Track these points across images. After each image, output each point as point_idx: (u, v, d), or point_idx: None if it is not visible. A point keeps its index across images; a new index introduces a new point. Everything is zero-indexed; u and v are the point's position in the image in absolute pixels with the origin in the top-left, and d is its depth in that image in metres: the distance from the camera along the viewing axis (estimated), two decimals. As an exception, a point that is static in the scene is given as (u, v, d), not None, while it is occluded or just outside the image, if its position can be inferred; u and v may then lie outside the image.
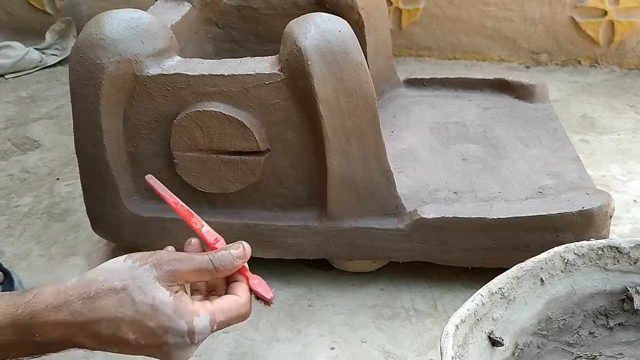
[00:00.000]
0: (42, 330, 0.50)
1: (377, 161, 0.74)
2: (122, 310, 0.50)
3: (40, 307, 0.50)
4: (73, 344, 0.51)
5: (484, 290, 0.58)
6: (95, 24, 0.72)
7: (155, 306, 0.51)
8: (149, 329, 0.51)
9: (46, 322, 0.49)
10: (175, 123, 0.73)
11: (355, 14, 0.93)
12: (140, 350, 0.52)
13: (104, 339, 0.51)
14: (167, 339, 0.51)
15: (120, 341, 0.51)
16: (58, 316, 0.50)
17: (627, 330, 0.64)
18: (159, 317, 0.51)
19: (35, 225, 1.00)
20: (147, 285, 0.51)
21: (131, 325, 0.50)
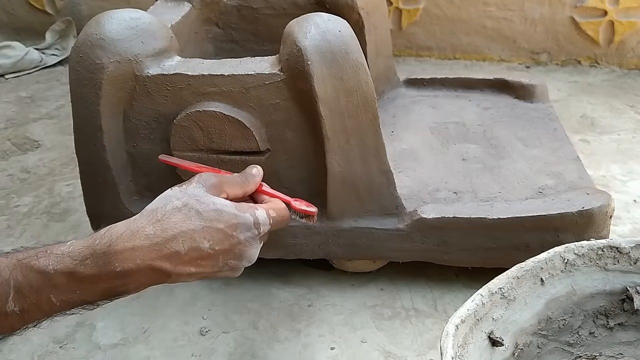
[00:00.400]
0: (121, 258, 0.52)
1: (377, 161, 0.74)
2: (191, 221, 0.54)
3: (115, 237, 0.53)
4: (152, 270, 0.53)
5: (484, 290, 0.58)
6: (95, 24, 0.72)
7: (218, 210, 0.56)
8: (220, 231, 0.55)
9: (124, 249, 0.52)
10: (175, 123, 0.73)
11: (355, 14, 0.93)
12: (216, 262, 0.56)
13: (181, 257, 0.53)
14: (238, 236, 0.56)
15: (197, 254, 0.54)
16: (135, 242, 0.52)
17: (627, 330, 0.64)
18: (225, 218, 0.56)
19: (35, 225, 1.00)
20: (203, 197, 0.56)
21: (203, 232, 0.54)
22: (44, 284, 0.52)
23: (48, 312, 0.53)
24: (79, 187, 0.83)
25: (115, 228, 0.54)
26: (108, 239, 0.53)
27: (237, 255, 0.57)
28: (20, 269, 0.52)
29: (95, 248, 0.53)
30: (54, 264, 0.52)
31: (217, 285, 0.85)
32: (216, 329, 0.78)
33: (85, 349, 0.76)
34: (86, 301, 0.54)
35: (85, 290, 0.53)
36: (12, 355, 0.75)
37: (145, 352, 0.75)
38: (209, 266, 0.56)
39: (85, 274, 0.52)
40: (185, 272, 0.55)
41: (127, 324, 0.79)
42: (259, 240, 0.59)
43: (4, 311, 0.51)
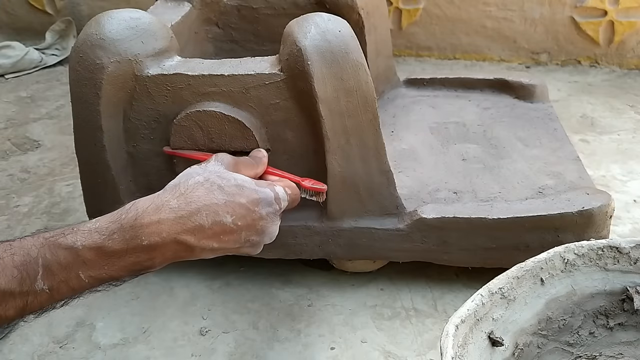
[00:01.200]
0: (147, 232, 0.53)
1: (377, 161, 0.74)
2: (214, 195, 0.55)
3: (141, 211, 0.54)
4: (177, 244, 0.54)
5: (484, 290, 0.58)
6: (95, 24, 0.72)
7: (240, 185, 0.57)
8: (243, 206, 0.56)
9: (150, 222, 0.53)
10: (175, 123, 0.73)
11: (355, 14, 0.93)
12: (239, 237, 0.57)
13: (205, 230, 0.55)
14: (260, 211, 0.57)
15: (220, 229, 0.55)
16: (161, 215, 0.54)
17: (627, 330, 0.64)
18: (247, 193, 0.57)
19: (35, 225, 1.00)
20: (223, 173, 0.58)
21: (226, 206, 0.55)
22: (72, 260, 0.52)
23: (77, 289, 0.54)
24: (79, 187, 0.83)
25: (140, 202, 0.55)
26: (134, 213, 0.54)
27: (258, 231, 0.58)
28: (48, 247, 0.52)
29: (122, 222, 0.53)
30: (82, 240, 0.53)
31: (217, 286, 0.85)
32: (216, 329, 0.78)
33: (85, 349, 0.76)
34: (113, 277, 0.54)
35: (113, 265, 0.53)
36: (12, 355, 0.75)
37: (145, 352, 0.75)
38: (232, 241, 0.57)
39: (113, 248, 0.53)
40: (209, 246, 0.56)
41: (127, 324, 0.79)
42: (278, 218, 0.60)
43: (33, 290, 0.51)
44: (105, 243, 0.53)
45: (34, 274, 0.51)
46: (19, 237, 0.54)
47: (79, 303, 0.81)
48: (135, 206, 0.55)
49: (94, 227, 0.54)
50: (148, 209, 0.54)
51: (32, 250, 0.52)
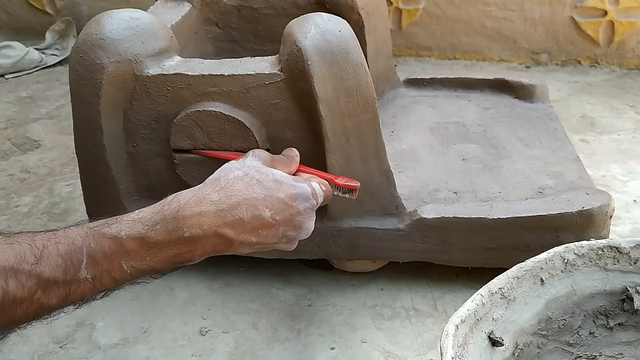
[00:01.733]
0: (189, 223, 0.54)
1: (377, 161, 0.74)
2: (254, 189, 0.56)
3: (183, 203, 0.55)
4: (217, 237, 0.55)
5: (484, 290, 0.58)
6: (95, 24, 0.72)
7: (278, 180, 0.58)
8: (281, 201, 0.57)
9: (192, 214, 0.54)
10: (175, 123, 0.73)
11: (355, 14, 0.93)
12: (276, 232, 0.57)
13: (245, 224, 0.56)
14: (298, 206, 0.58)
15: (259, 223, 0.56)
16: (202, 207, 0.55)
17: (627, 330, 0.64)
18: (285, 188, 0.58)
19: (35, 225, 1.00)
20: (262, 168, 0.59)
21: (265, 201, 0.56)
22: (116, 250, 0.53)
23: (118, 279, 0.54)
24: (79, 187, 0.83)
25: (182, 195, 0.56)
26: (177, 204, 0.55)
27: (295, 226, 0.59)
28: (92, 236, 0.53)
29: (165, 214, 0.54)
30: (126, 230, 0.54)
31: (217, 286, 0.85)
32: (216, 329, 0.78)
33: (85, 349, 0.76)
34: (154, 269, 0.55)
35: (154, 256, 0.54)
36: (12, 355, 0.75)
37: (145, 352, 0.75)
38: (270, 236, 0.58)
39: (155, 239, 0.54)
40: (247, 240, 0.57)
41: (127, 324, 0.79)
42: (313, 213, 0.61)
43: (77, 279, 0.52)
44: (148, 233, 0.54)
45: (78, 263, 0.52)
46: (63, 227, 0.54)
47: (79, 303, 0.82)
48: (178, 198, 0.56)
49: (137, 218, 0.55)
50: (190, 201, 0.55)
51: (76, 239, 0.52)
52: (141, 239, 0.54)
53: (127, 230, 0.54)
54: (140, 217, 0.55)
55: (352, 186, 0.70)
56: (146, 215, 0.55)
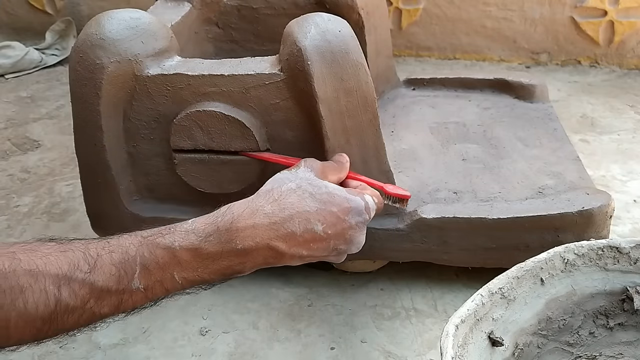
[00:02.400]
0: (242, 235, 0.54)
1: (377, 161, 0.74)
2: (306, 202, 0.56)
3: (237, 215, 0.55)
4: (269, 249, 0.55)
5: (484, 290, 0.58)
6: (95, 24, 0.72)
7: (331, 193, 0.57)
8: (334, 215, 0.56)
9: (245, 227, 0.54)
10: (175, 123, 0.73)
11: (355, 14, 0.93)
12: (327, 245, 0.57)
13: (297, 237, 0.55)
14: (350, 220, 0.58)
15: (311, 237, 0.56)
16: (255, 220, 0.55)
17: (627, 330, 0.64)
18: (338, 201, 0.57)
19: (35, 225, 1.00)
20: (314, 180, 0.58)
21: (318, 214, 0.56)
22: (169, 260, 0.53)
23: (170, 290, 0.55)
24: (79, 187, 0.83)
25: (236, 206, 0.56)
26: (230, 216, 0.55)
27: (347, 240, 0.59)
28: (146, 245, 0.53)
29: (219, 225, 0.55)
30: (179, 240, 0.54)
31: (217, 286, 0.85)
32: (216, 329, 0.78)
33: (85, 349, 0.76)
34: (205, 280, 0.55)
35: (206, 268, 0.55)
36: (12, 356, 0.75)
37: (145, 352, 0.75)
38: (321, 249, 0.57)
39: (208, 250, 0.54)
40: (298, 253, 0.57)
41: (127, 324, 0.79)
42: (365, 227, 0.60)
43: (129, 288, 0.52)
44: (201, 245, 0.54)
45: (132, 273, 0.52)
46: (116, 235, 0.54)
47: (79, 303, 0.82)
48: (231, 210, 0.56)
49: (191, 229, 0.55)
50: (243, 213, 0.55)
51: (130, 248, 0.53)
52: (194, 250, 0.54)
53: (181, 240, 0.54)
54: (194, 227, 0.55)
55: (402, 195, 0.68)
56: (199, 226, 0.55)
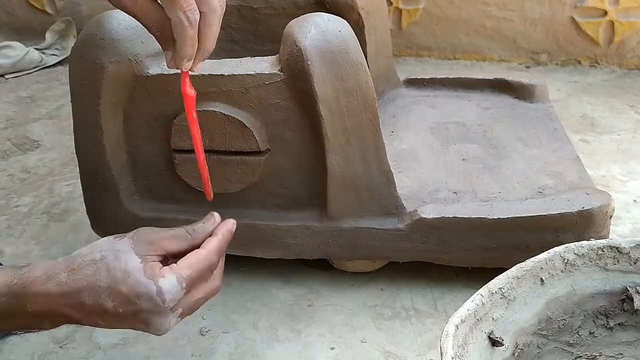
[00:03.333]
0: (33, 300, 0.54)
1: (377, 161, 0.74)
2: (99, 278, 0.55)
3: (32, 279, 0.55)
4: (61, 316, 0.55)
5: (484, 290, 0.58)
6: (95, 24, 0.72)
7: (127, 271, 0.55)
8: (123, 295, 0.55)
9: (37, 293, 0.54)
10: (175, 123, 0.73)
11: (355, 14, 0.93)
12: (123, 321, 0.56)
13: (87, 308, 0.55)
14: (141, 304, 0.55)
15: (101, 310, 0.55)
16: (47, 287, 0.54)
17: (627, 330, 0.64)
18: (130, 282, 0.55)
19: (35, 225, 1.00)
20: (122, 253, 0.56)
21: (108, 292, 0.54)
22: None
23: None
24: (79, 187, 0.83)
25: (35, 269, 0.56)
26: (25, 280, 0.55)
27: (142, 322, 0.56)
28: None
29: (12, 288, 0.55)
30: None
31: (217, 285, 0.85)
32: (216, 329, 0.78)
33: (85, 349, 0.76)
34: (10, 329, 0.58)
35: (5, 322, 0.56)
36: (12, 356, 0.75)
37: (145, 352, 0.75)
38: (117, 323, 0.56)
39: (1, 309, 0.54)
40: (94, 322, 0.56)
41: (127, 324, 0.79)
42: (170, 311, 0.56)
43: None
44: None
45: None
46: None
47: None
48: (29, 273, 0.55)
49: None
50: (39, 278, 0.55)
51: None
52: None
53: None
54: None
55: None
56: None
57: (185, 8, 0.54)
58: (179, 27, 0.55)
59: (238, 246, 0.81)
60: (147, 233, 0.59)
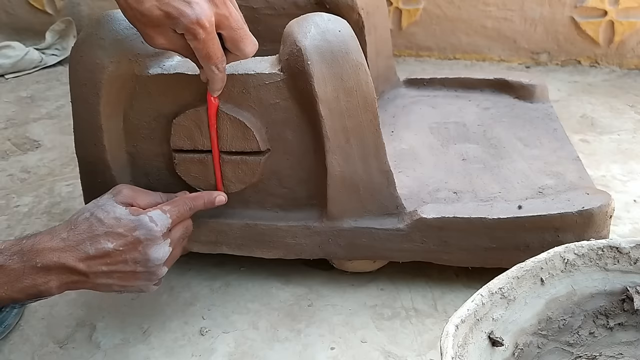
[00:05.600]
0: (41, 255, 0.61)
1: (377, 161, 0.74)
2: (96, 227, 0.63)
3: (39, 239, 0.62)
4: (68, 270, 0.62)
5: (484, 290, 0.58)
6: (95, 24, 0.72)
7: (118, 218, 0.64)
8: (120, 234, 0.63)
9: (44, 248, 0.61)
10: (175, 123, 0.73)
11: (355, 14, 0.93)
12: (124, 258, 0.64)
13: (91, 256, 0.62)
14: (138, 235, 0.64)
15: (104, 253, 0.63)
16: (53, 243, 0.62)
17: (627, 330, 0.64)
18: (124, 223, 0.64)
19: (35, 225, 1.00)
20: (107, 206, 0.65)
21: (106, 236, 0.63)
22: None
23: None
24: (79, 187, 0.83)
25: (40, 233, 0.64)
26: (33, 240, 0.62)
27: (142, 252, 0.64)
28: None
29: (23, 246, 0.61)
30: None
31: (217, 286, 0.85)
32: (216, 329, 0.78)
33: (85, 349, 0.76)
34: (13, 299, 0.61)
35: (12, 286, 0.60)
36: (12, 356, 0.75)
37: (145, 352, 0.75)
38: (120, 263, 0.63)
39: (12, 267, 0.60)
40: (98, 269, 0.63)
41: (127, 324, 0.79)
42: (162, 237, 0.65)
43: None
44: (6, 263, 0.60)
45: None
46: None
47: (79, 303, 0.82)
48: (35, 235, 0.63)
49: (0, 249, 0.61)
50: (44, 237, 0.62)
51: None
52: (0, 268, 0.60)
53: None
54: (3, 247, 0.61)
55: None
56: (7, 246, 0.61)
57: (216, 61, 0.64)
58: (210, 74, 0.66)
59: (238, 246, 0.81)
60: (126, 189, 0.68)
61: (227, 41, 0.64)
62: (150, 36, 0.61)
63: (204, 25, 0.59)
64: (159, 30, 0.60)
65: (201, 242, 0.80)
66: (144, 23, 0.60)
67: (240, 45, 0.64)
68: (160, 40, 0.61)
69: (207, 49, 0.62)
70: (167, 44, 0.62)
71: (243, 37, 0.64)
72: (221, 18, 0.61)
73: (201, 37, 0.60)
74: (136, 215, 0.64)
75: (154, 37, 0.61)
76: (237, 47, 0.64)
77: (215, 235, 0.80)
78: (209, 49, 0.62)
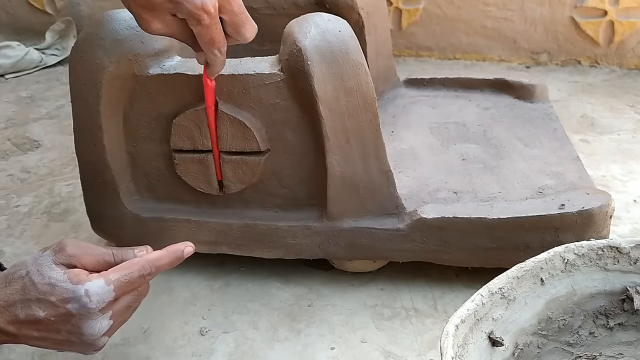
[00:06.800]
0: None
1: (377, 161, 0.74)
2: (29, 291, 0.58)
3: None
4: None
5: (484, 290, 0.58)
6: (95, 24, 0.72)
7: (52, 284, 0.58)
8: (52, 304, 0.58)
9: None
10: (175, 123, 0.73)
11: (355, 14, 0.93)
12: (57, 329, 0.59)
13: (21, 321, 0.58)
14: (70, 308, 0.58)
15: (35, 320, 0.58)
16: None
17: (627, 330, 0.64)
18: (57, 292, 0.58)
19: (35, 225, 1.00)
20: (44, 268, 0.59)
21: (38, 302, 0.58)
22: None
23: None
24: (79, 187, 0.83)
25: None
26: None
27: (75, 326, 0.59)
28: None
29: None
30: None
31: (217, 286, 0.85)
32: (216, 329, 0.78)
33: (85, 349, 0.76)
34: None
35: None
36: (12, 356, 0.75)
37: (145, 352, 0.75)
38: (51, 332, 0.59)
39: None
40: (29, 334, 0.59)
41: (127, 324, 0.79)
42: (99, 312, 0.59)
43: None
44: None
45: None
46: None
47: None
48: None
49: None
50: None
51: None
52: None
53: None
54: None
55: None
56: None
57: (219, 45, 0.62)
58: (212, 58, 0.63)
59: (238, 246, 0.81)
60: (71, 246, 0.61)
61: (228, 25, 0.62)
62: (147, 20, 0.59)
63: (209, 10, 0.58)
64: (156, 14, 0.58)
65: (201, 242, 0.80)
66: (142, 6, 0.58)
67: (241, 30, 0.63)
68: (156, 25, 0.59)
69: (211, 34, 0.60)
70: (163, 28, 0.60)
71: (245, 22, 0.63)
72: (223, 2, 0.60)
73: (205, 23, 0.58)
74: (73, 284, 0.58)
75: (150, 22, 0.59)
76: (239, 31, 0.63)
77: (215, 235, 0.80)
78: (213, 34, 0.60)
